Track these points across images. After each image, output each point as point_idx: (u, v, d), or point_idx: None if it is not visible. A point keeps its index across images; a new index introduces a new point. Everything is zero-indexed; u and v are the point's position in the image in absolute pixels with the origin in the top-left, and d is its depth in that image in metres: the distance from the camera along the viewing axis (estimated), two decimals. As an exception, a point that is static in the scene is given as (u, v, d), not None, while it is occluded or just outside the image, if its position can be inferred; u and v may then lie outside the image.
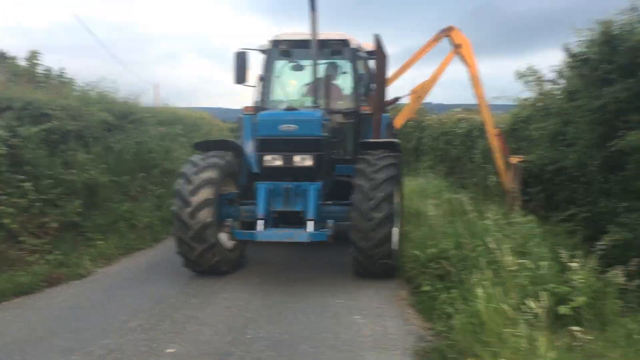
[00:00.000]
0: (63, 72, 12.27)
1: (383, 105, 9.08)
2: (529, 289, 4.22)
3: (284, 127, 7.52)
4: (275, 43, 9.39)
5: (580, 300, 4.27)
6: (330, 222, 7.19)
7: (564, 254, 4.72)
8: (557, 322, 4.28)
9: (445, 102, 27.45)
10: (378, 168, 7.24)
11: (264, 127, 7.68)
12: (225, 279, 7.50)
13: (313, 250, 8.73)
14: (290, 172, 7.58)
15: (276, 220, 7.49)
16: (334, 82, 9.82)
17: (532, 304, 3.77)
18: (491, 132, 11.34)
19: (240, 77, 9.05)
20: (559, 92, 10.51)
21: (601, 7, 8.11)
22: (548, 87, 11.48)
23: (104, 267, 8.36)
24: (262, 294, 6.87)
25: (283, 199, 7.47)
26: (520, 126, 12.77)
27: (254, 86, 9.44)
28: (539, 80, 11.65)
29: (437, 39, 11.30)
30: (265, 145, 7.67)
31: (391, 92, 11.54)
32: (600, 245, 5.04)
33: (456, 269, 5.61)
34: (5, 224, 7.58)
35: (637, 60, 6.58)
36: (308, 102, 8.96)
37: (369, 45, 9.42)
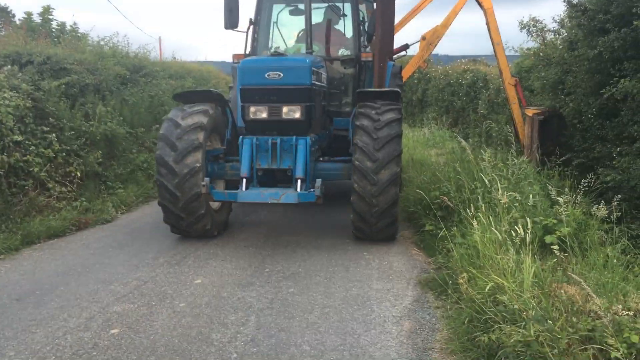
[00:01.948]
0: (76, 28, 12.55)
1: (388, 52, 8.42)
2: (520, 220, 4.70)
3: (269, 74, 6.69)
4: None
5: (565, 230, 4.76)
6: (318, 182, 6.33)
7: (552, 191, 5.21)
8: (545, 251, 4.79)
9: (451, 54, 27.41)
10: (382, 124, 6.59)
11: (246, 75, 6.88)
12: (241, 223, 8.02)
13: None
14: (277, 126, 6.86)
15: (262, 178, 6.89)
16: (336, 26, 9.08)
17: (520, 230, 4.28)
18: (508, 81, 10.80)
19: (231, 22, 8.11)
20: (560, 43, 10.81)
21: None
22: (550, 37, 11.76)
23: (126, 213, 8.92)
24: (277, 236, 7.40)
25: (270, 156, 6.77)
26: (523, 76, 13.09)
27: (245, 32, 8.55)
28: (541, 31, 11.92)
29: None
30: (249, 96, 6.86)
31: (397, 42, 11.50)
32: (585, 182, 5.51)
33: (456, 208, 6.08)
34: (34, 172, 8.07)
35: (632, 11, 6.88)
36: (304, 49, 8.07)
37: None
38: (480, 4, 10.51)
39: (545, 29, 11.78)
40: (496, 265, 4.23)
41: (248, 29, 8.58)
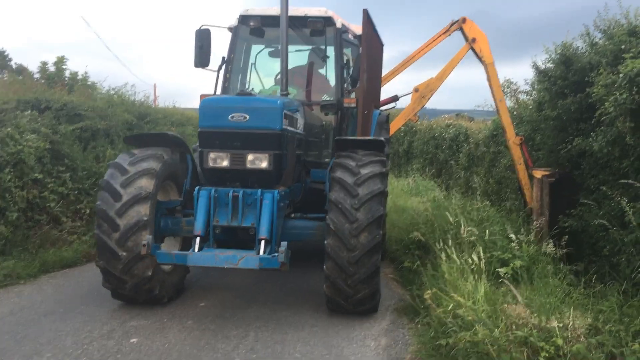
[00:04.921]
0: (87, 77, 13.54)
1: (375, 99, 8.01)
2: (480, 254, 5.56)
3: (233, 116, 5.88)
4: (244, 19, 7.82)
5: (517, 263, 5.64)
6: (283, 246, 5.36)
7: (509, 230, 6.10)
8: (502, 280, 5.63)
9: (439, 107, 28.46)
10: (363, 179, 5.77)
11: (207, 115, 6.04)
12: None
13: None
14: (240, 176, 6.00)
15: (220, 236, 5.97)
16: (321, 71, 8.45)
17: (476, 259, 5.15)
18: (512, 140, 9.93)
19: (202, 60, 7.62)
20: (530, 103, 11.92)
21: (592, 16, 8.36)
22: (522, 97, 12.91)
23: (130, 249, 9.65)
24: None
25: (230, 211, 5.84)
26: (499, 132, 14.19)
27: (216, 71, 7.89)
28: (515, 92, 13.08)
29: (447, 31, 10.12)
30: (208, 140, 6.02)
31: (388, 93, 10.41)
32: (536, 224, 6.42)
33: (431, 245, 6.93)
34: (49, 208, 8.87)
35: (585, 79, 7.92)
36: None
37: (357, 27, 8.03)
38: (480, 59, 9.99)
39: (518, 90, 12.96)
40: (457, 289, 5.07)
41: (220, 68, 7.92)
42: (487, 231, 6.17)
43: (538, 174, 8.93)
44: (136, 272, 5.75)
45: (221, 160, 5.99)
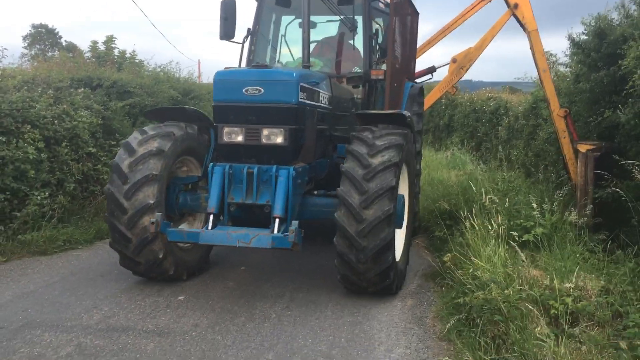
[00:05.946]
0: (134, 55, 14.16)
1: (406, 70, 7.80)
2: (504, 222, 5.86)
3: (247, 90, 5.69)
4: None
5: (539, 231, 5.90)
6: (294, 225, 5.18)
7: (533, 200, 6.35)
8: (524, 246, 5.91)
9: (485, 80, 27.88)
10: (376, 150, 5.56)
11: (221, 89, 5.87)
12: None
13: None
14: (255, 152, 5.81)
15: (236, 214, 5.83)
16: (351, 41, 7.93)
17: (495, 226, 5.46)
18: (557, 112, 9.41)
19: (227, 32, 7.23)
20: (569, 75, 11.89)
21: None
22: (562, 69, 12.85)
23: (177, 218, 10.28)
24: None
25: (244, 188, 5.70)
26: (539, 105, 14.18)
27: (241, 43, 7.66)
28: (554, 64, 13.02)
29: None
30: (222, 114, 5.85)
31: (421, 65, 10.15)
32: (560, 193, 6.64)
33: (458, 214, 7.22)
34: (103, 180, 9.52)
35: (618, 52, 7.96)
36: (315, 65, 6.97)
37: None
38: (523, 26, 9.35)
39: (557, 62, 12.90)
40: (479, 254, 5.40)
41: (244, 40, 7.71)
42: (507, 200, 6.44)
43: (583, 148, 8.50)
44: (141, 225, 5.65)
45: (236, 136, 5.84)
